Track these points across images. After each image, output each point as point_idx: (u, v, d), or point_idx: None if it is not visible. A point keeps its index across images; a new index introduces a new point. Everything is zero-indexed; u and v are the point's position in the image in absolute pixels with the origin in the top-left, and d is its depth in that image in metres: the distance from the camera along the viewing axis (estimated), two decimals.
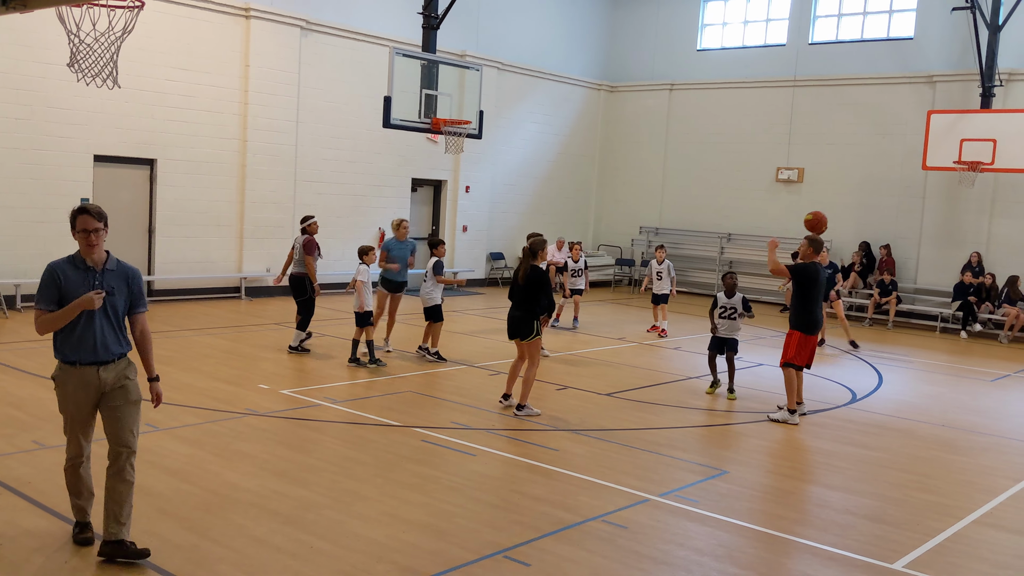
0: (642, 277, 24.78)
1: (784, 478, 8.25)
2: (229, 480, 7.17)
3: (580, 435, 9.17)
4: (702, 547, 6.37)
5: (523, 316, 9.77)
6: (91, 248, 5.43)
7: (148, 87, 16.51)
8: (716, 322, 11.40)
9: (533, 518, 6.71)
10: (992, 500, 7.82)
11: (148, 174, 16.95)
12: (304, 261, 12.71)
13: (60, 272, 5.43)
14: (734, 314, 11.32)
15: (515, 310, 9.86)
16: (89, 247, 5.43)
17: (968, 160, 18.30)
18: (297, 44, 18.59)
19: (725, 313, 11.37)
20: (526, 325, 9.77)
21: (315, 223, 13.04)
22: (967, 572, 6.19)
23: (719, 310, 11.41)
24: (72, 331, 5.46)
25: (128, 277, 5.61)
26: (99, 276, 5.48)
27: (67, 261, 5.50)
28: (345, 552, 5.89)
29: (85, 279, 5.45)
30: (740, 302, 11.34)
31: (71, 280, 5.43)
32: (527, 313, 9.75)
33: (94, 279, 5.46)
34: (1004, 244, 19.81)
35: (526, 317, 9.76)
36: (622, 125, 26.13)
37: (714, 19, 24.59)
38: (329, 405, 9.82)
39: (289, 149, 18.69)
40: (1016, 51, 19.52)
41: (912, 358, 15.57)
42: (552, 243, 22.83)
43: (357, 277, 12.04)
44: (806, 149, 22.59)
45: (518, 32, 23.46)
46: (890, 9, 21.73)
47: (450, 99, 15.10)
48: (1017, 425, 10.81)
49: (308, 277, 12.70)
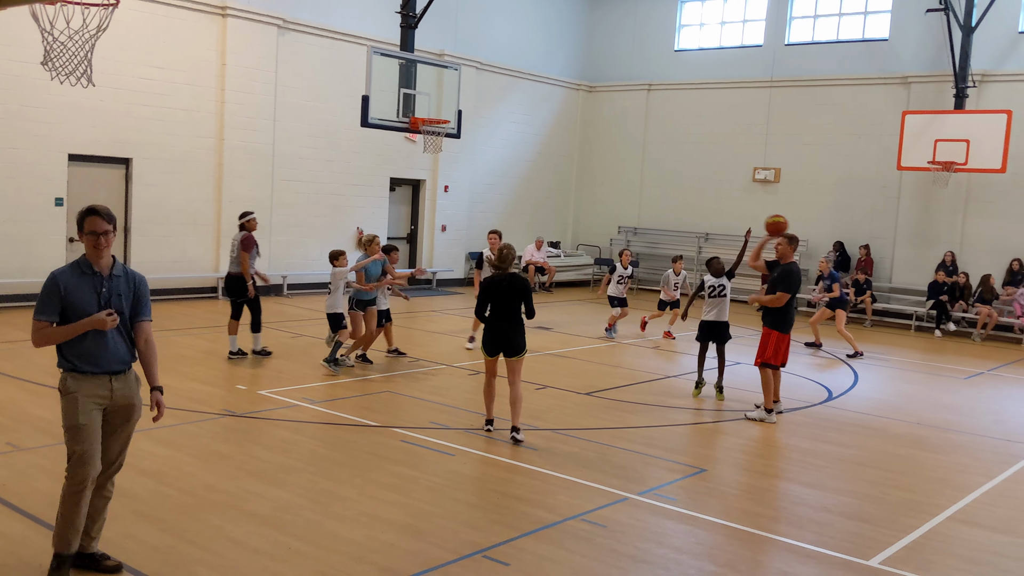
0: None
1: (761, 476, 8.30)
2: (206, 481, 7.13)
3: (559, 434, 9.18)
4: (680, 545, 6.40)
5: (512, 330, 8.85)
6: (99, 252, 5.15)
7: (124, 85, 16.38)
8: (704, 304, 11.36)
9: (512, 517, 6.71)
10: (966, 497, 7.90)
11: (124, 173, 16.82)
12: (240, 259, 12.00)
13: (63, 282, 5.12)
14: (723, 291, 11.28)
15: (503, 323, 8.87)
16: (97, 251, 5.15)
17: (942, 160, 18.48)
18: (274, 43, 18.50)
19: (714, 292, 11.31)
20: (520, 339, 8.88)
21: (254, 219, 12.30)
22: (941, 568, 6.25)
23: (707, 290, 11.36)
24: (82, 340, 5.17)
25: (135, 283, 5.36)
26: (107, 282, 5.21)
27: (72, 268, 5.21)
28: (323, 553, 5.87)
29: (92, 285, 5.17)
30: (726, 279, 11.39)
31: (77, 288, 5.13)
32: (519, 325, 8.91)
33: (101, 285, 5.19)
34: (977, 243, 20.03)
35: (519, 330, 8.90)
36: (600, 125, 26.19)
37: (691, 20, 24.69)
38: (307, 406, 9.78)
39: (266, 148, 18.60)
40: (989, 52, 19.74)
41: (887, 356, 15.70)
42: (531, 243, 22.96)
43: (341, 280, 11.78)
44: (783, 149, 22.74)
45: (496, 32, 23.46)
46: (865, 10, 21.91)
47: (428, 98, 15.07)
48: (990, 423, 10.93)
49: (251, 276, 12.07)
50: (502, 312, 8.86)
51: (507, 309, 8.85)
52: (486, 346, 8.93)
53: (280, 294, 19.04)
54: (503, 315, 8.86)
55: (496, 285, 8.87)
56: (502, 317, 8.86)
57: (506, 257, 9.00)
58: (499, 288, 8.86)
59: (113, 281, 5.24)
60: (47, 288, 5.13)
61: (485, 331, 9.01)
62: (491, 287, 8.90)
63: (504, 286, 8.85)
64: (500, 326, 8.85)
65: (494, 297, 8.90)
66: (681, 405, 10.87)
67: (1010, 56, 19.71)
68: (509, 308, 8.85)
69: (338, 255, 11.91)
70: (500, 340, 8.84)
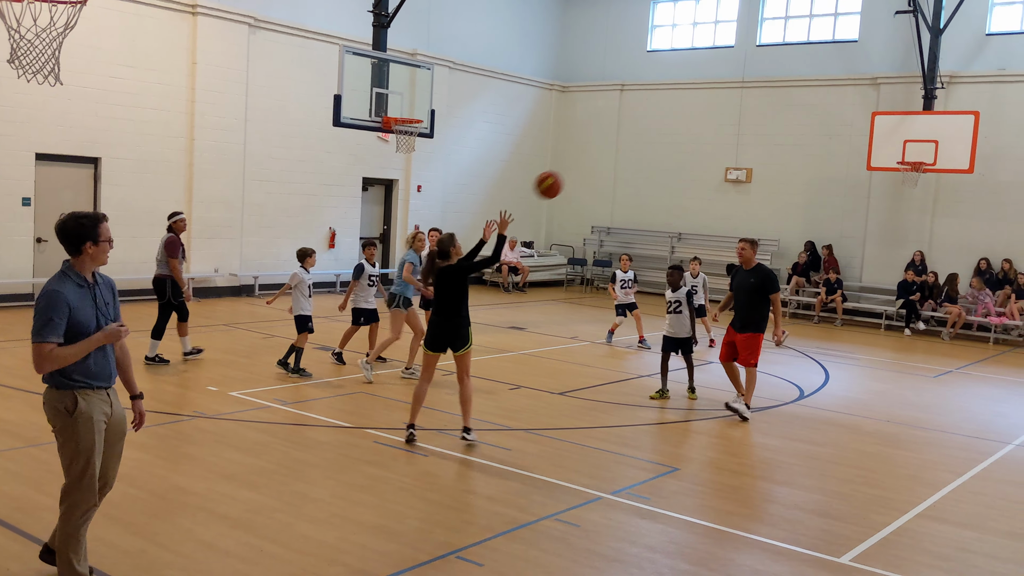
0: (594, 277, 24.97)
1: (733, 475, 8.34)
2: (177, 484, 7.06)
3: (532, 434, 9.18)
4: (654, 544, 6.42)
5: (456, 323, 8.43)
6: (105, 260, 4.95)
7: (92, 84, 16.20)
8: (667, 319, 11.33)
9: (486, 518, 6.70)
10: (935, 494, 7.99)
11: (92, 173, 16.63)
12: (168, 263, 11.57)
13: (70, 298, 4.77)
14: (680, 307, 11.15)
15: (442, 317, 8.43)
16: (105, 259, 4.94)
17: (911, 161, 18.68)
18: (245, 41, 18.37)
19: (670, 308, 11.25)
20: (463, 333, 8.47)
21: (182, 220, 11.82)
22: (911, 564, 6.32)
23: (666, 304, 11.32)
24: (87, 356, 4.87)
25: (112, 288, 5.12)
26: (97, 290, 4.95)
27: (67, 280, 4.84)
28: (296, 555, 5.83)
29: (90, 298, 4.90)
30: (685, 296, 11.20)
31: (80, 303, 4.83)
32: (461, 319, 8.47)
33: (95, 296, 4.93)
34: (946, 243, 20.26)
35: (461, 324, 8.46)
36: (573, 125, 26.25)
37: (664, 20, 24.80)
38: (279, 407, 9.71)
39: (237, 148, 18.46)
40: (957, 54, 19.98)
41: (857, 355, 15.85)
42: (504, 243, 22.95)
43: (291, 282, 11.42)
44: (754, 150, 22.89)
45: (469, 31, 23.44)
46: (835, 12, 22.11)
47: (401, 98, 15.03)
48: (959, 420, 11.06)
49: (172, 279, 11.62)
50: (446, 305, 8.43)
51: (451, 301, 8.43)
52: (429, 342, 8.48)
53: (252, 295, 18.91)
54: (447, 308, 8.43)
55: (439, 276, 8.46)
56: (446, 310, 8.42)
57: (444, 244, 8.52)
58: (442, 279, 8.45)
59: (99, 289, 4.99)
60: (52, 306, 4.72)
61: (429, 325, 8.58)
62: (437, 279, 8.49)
63: (447, 277, 8.45)
64: (444, 320, 8.42)
65: (438, 289, 8.48)
66: (654, 405, 10.90)
67: (977, 58, 19.96)
68: (453, 300, 8.43)
69: (308, 254, 11.60)
70: (445, 334, 8.44)
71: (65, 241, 4.89)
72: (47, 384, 4.92)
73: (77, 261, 4.91)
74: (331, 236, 20.48)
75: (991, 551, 6.70)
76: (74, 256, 4.91)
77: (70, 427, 4.88)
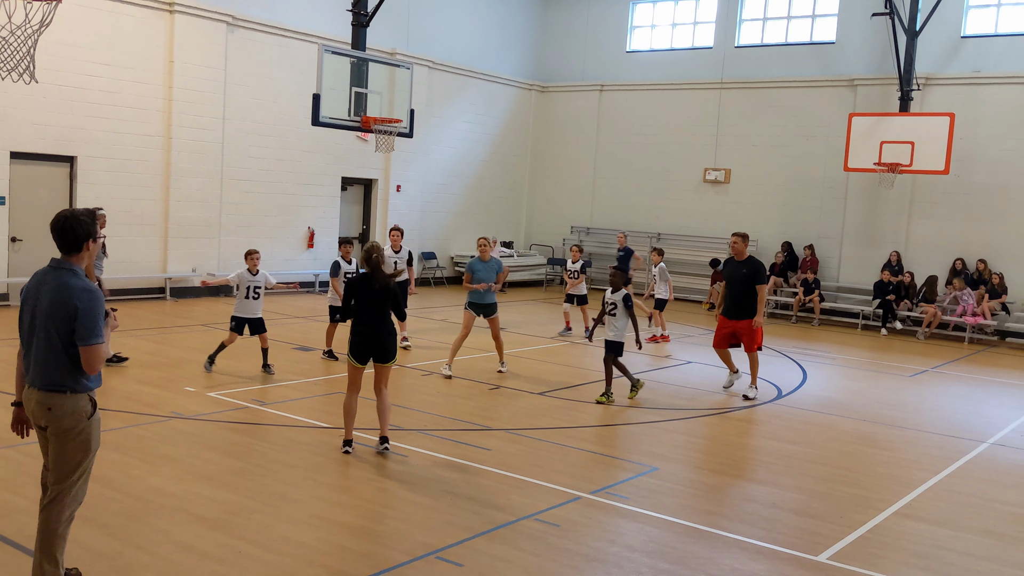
0: None
1: (712, 474, 8.38)
2: (154, 485, 7.00)
3: (512, 434, 9.18)
4: (633, 543, 6.44)
5: (386, 332, 8.22)
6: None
7: (68, 82, 16.04)
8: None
9: (465, 518, 6.70)
10: (911, 492, 8.06)
11: (68, 172, 16.46)
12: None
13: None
14: (614, 310, 10.86)
15: (370, 327, 8.16)
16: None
17: (887, 162, 18.82)
18: (223, 40, 18.25)
19: (608, 310, 10.92)
20: (391, 342, 8.24)
21: (102, 216, 11.25)
22: (887, 562, 6.37)
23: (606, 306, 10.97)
24: None
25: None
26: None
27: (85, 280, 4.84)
28: (274, 556, 5.80)
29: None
30: (621, 299, 10.83)
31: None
32: (390, 327, 8.28)
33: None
34: (922, 243, 20.44)
35: (391, 332, 8.27)
36: (553, 125, 26.27)
37: (643, 21, 24.87)
38: (257, 407, 9.66)
39: (215, 147, 18.34)
40: (933, 56, 20.16)
41: (835, 355, 15.96)
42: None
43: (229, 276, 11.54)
44: (733, 150, 23.00)
45: (448, 31, 23.41)
46: (813, 14, 22.25)
47: (380, 97, 14.98)
48: (935, 419, 11.15)
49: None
50: (370, 314, 8.18)
51: (377, 310, 8.18)
52: (353, 353, 8.18)
53: (230, 295, 18.79)
54: (372, 319, 8.17)
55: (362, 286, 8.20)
56: (370, 321, 8.17)
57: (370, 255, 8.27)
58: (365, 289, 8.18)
59: None
60: (100, 305, 4.80)
61: (352, 335, 8.25)
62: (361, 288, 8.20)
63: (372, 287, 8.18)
64: (366, 330, 8.16)
65: (361, 297, 8.19)
66: (633, 404, 10.93)
67: (953, 60, 20.15)
68: (379, 309, 8.19)
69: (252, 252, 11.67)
70: (370, 344, 8.15)
71: (64, 238, 4.82)
72: (65, 391, 4.79)
73: (76, 258, 4.87)
74: (310, 236, 20.40)
75: (966, 549, 6.76)
76: (73, 254, 4.86)
77: (86, 430, 4.88)
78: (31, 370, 4.85)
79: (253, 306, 11.48)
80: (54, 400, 4.79)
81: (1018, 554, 6.74)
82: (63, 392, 4.79)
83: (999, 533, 7.15)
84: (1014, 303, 18.94)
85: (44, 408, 4.81)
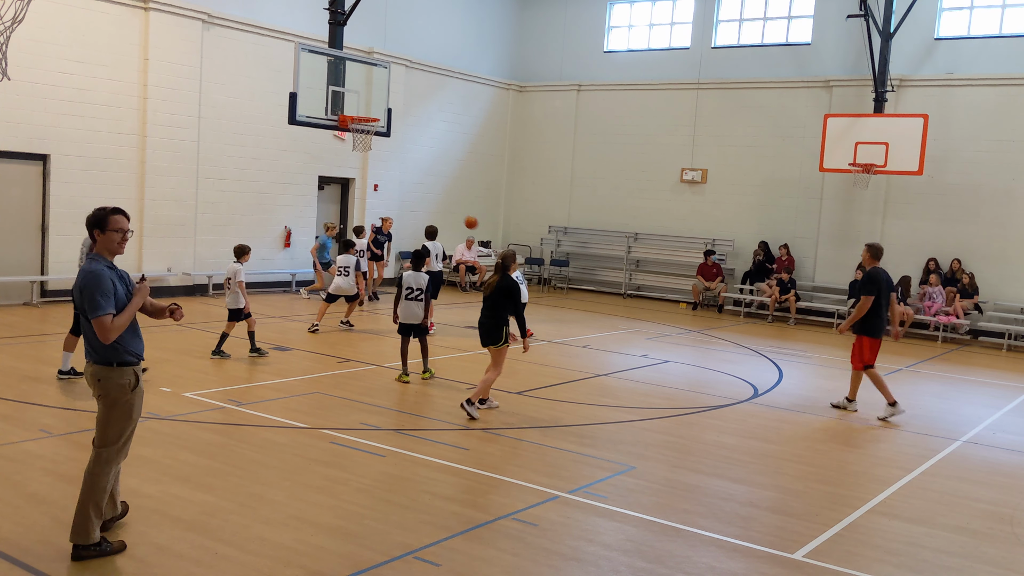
0: (551, 276, 25.05)
1: (689, 472, 8.42)
2: (129, 486, 6.94)
3: (490, 434, 9.19)
4: (611, 542, 6.46)
5: (493, 323, 9.97)
6: (123, 248, 5.66)
7: (41, 80, 15.87)
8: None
9: (443, 518, 6.69)
10: (886, 490, 8.13)
11: (41, 170, 16.29)
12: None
13: (111, 276, 5.52)
14: (421, 296, 11.49)
15: (485, 318, 10.06)
16: (122, 247, 5.64)
17: (862, 162, 18.99)
18: (199, 37, 18.13)
19: (408, 295, 11.49)
20: (496, 331, 9.94)
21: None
22: (862, 559, 6.42)
23: (405, 292, 11.56)
24: (134, 333, 5.70)
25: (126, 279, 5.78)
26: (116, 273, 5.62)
27: (100, 263, 5.55)
28: (252, 557, 5.78)
29: (116, 276, 5.60)
30: (426, 284, 11.54)
31: (118, 282, 5.58)
32: (498, 320, 9.97)
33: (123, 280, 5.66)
34: (896, 243, 20.60)
35: (497, 324, 9.96)
36: (531, 125, 26.29)
37: (620, 21, 24.93)
38: (234, 408, 9.61)
39: (191, 145, 18.21)
40: (907, 58, 20.35)
41: (810, 354, 16.07)
42: (462, 243, 22.93)
43: (238, 278, 12.20)
44: (709, 150, 23.11)
45: (426, 30, 23.37)
46: (789, 15, 22.39)
47: (357, 96, 14.93)
48: (909, 417, 11.25)
49: None
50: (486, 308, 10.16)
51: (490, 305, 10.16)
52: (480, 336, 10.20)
53: (205, 294, 18.68)
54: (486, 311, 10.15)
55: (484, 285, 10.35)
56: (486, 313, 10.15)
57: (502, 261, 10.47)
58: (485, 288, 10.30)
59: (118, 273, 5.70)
60: (103, 282, 5.43)
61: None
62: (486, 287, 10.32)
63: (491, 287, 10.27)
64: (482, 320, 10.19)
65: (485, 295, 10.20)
66: (611, 404, 10.97)
67: (927, 62, 20.35)
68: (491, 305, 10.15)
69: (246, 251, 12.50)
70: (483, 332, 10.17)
71: (88, 229, 5.66)
72: (107, 363, 5.54)
73: (95, 247, 5.65)
74: (287, 235, 20.31)
75: (940, 546, 6.84)
76: (92, 243, 5.68)
77: (129, 400, 5.64)
78: (85, 346, 5.64)
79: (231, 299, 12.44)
80: (102, 372, 5.56)
81: (991, 550, 6.82)
82: (109, 365, 5.56)
83: (972, 530, 7.24)
84: (987, 303, 19.17)
85: (95, 379, 5.57)
